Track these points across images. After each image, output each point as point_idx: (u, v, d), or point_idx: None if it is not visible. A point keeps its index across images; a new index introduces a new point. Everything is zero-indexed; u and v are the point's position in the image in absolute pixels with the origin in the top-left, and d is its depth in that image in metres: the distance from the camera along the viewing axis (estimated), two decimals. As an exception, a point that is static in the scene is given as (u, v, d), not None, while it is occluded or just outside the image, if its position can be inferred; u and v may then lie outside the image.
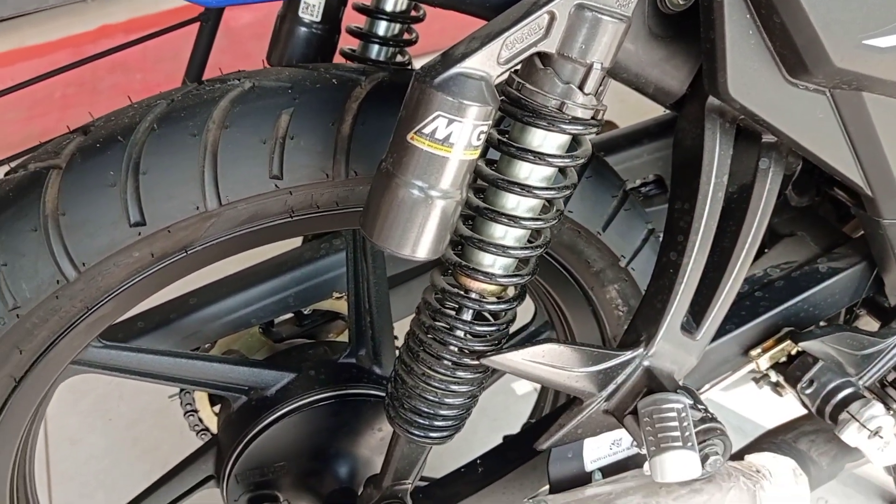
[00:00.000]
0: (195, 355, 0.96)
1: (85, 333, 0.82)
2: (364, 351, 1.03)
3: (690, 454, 0.71)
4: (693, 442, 0.72)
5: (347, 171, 0.77)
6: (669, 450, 0.71)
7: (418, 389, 0.80)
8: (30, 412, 0.86)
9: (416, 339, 0.79)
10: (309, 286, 1.07)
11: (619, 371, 0.79)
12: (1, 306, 0.73)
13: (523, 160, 0.70)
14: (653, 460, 0.72)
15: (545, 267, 0.95)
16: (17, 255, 0.72)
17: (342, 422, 1.00)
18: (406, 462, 0.87)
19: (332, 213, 0.82)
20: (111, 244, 0.74)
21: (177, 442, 1.81)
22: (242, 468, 0.98)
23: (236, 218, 0.78)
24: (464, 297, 0.76)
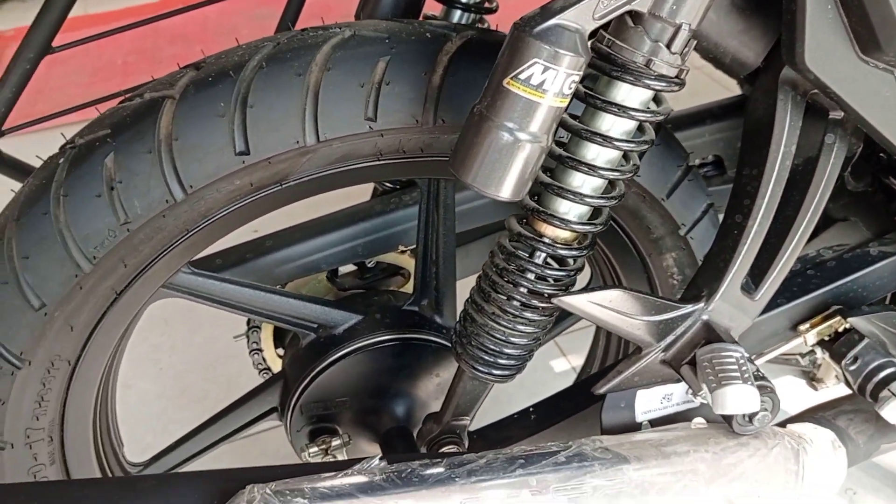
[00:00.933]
0: (273, 290, 1.02)
1: (180, 256, 0.88)
2: (426, 301, 1.08)
3: (750, 388, 0.76)
4: (752, 381, 0.76)
5: (435, 119, 0.83)
6: (731, 384, 0.75)
7: (487, 328, 0.85)
8: (121, 330, 0.92)
9: (488, 279, 0.84)
10: (377, 237, 1.13)
11: (679, 323, 0.83)
12: (113, 220, 0.79)
13: (607, 112, 0.75)
14: (714, 394, 0.76)
15: (606, 231, 0.99)
16: (132, 174, 0.79)
17: (403, 364, 1.06)
18: (467, 398, 0.92)
19: (415, 159, 0.88)
20: (217, 170, 0.80)
21: (223, 394, 1.88)
22: (307, 401, 1.04)
23: (330, 156, 0.83)
24: (538, 241, 0.81)
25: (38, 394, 0.87)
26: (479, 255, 1.23)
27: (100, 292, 0.84)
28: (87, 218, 0.79)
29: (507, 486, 0.76)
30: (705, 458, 0.86)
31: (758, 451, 0.88)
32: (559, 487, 0.78)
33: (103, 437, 1.01)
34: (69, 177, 0.79)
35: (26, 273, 0.80)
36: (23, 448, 0.90)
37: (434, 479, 0.75)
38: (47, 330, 0.83)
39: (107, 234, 0.80)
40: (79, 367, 0.89)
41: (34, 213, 0.80)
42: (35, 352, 0.84)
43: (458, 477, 0.75)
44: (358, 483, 0.72)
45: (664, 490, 0.81)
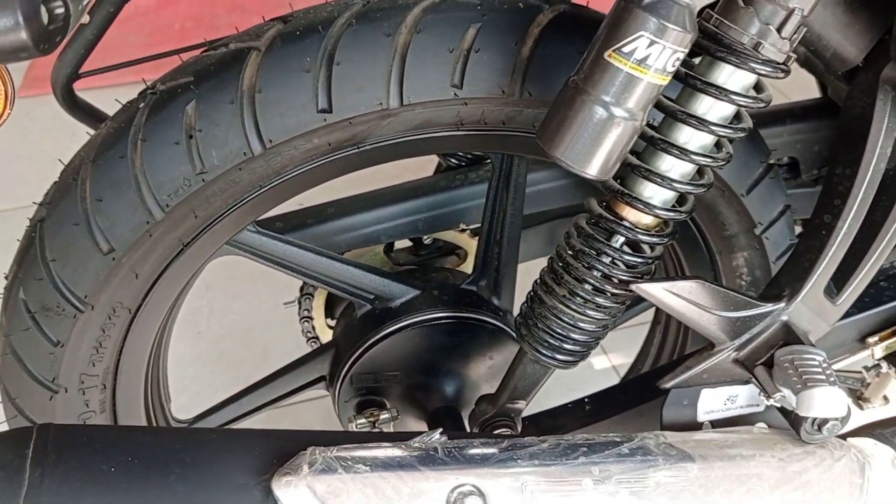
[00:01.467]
0: (335, 256, 1.00)
1: (249, 213, 0.87)
2: (485, 281, 1.06)
3: (838, 391, 0.73)
4: (838, 385, 0.73)
5: (521, 91, 0.81)
6: (818, 385, 0.73)
7: (555, 310, 0.83)
8: (182, 283, 0.91)
9: (561, 260, 0.82)
10: (439, 213, 1.11)
11: (756, 321, 0.81)
12: (190, 169, 0.78)
13: (706, 94, 0.72)
14: (800, 395, 0.73)
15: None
16: (212, 124, 0.77)
17: (457, 343, 1.04)
18: (526, 382, 0.90)
19: (495, 132, 0.85)
20: (297, 126, 0.78)
21: (259, 362, 1.89)
22: (358, 371, 1.03)
23: (411, 121, 0.82)
24: (618, 224, 0.78)
25: (96, 339, 0.87)
26: (539, 240, 1.21)
27: (167, 242, 0.83)
28: (164, 165, 0.78)
29: (568, 473, 0.74)
30: (770, 464, 0.83)
31: (823, 461, 0.85)
32: (621, 479, 0.75)
33: (153, 389, 1.01)
34: (149, 122, 0.78)
35: (98, 216, 0.80)
36: (76, 393, 0.89)
37: (495, 459, 0.73)
38: (113, 275, 0.82)
39: (182, 182, 0.79)
40: (138, 316, 0.88)
41: (111, 155, 0.79)
42: (98, 296, 0.83)
43: (519, 458, 0.73)
44: (419, 455, 0.71)
45: (728, 492, 0.79)
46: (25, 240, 0.85)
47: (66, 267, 0.82)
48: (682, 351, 1.16)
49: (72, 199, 0.80)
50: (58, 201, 0.82)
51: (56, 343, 0.85)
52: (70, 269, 0.82)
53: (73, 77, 0.92)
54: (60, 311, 0.83)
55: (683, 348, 1.16)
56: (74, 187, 0.80)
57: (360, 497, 0.66)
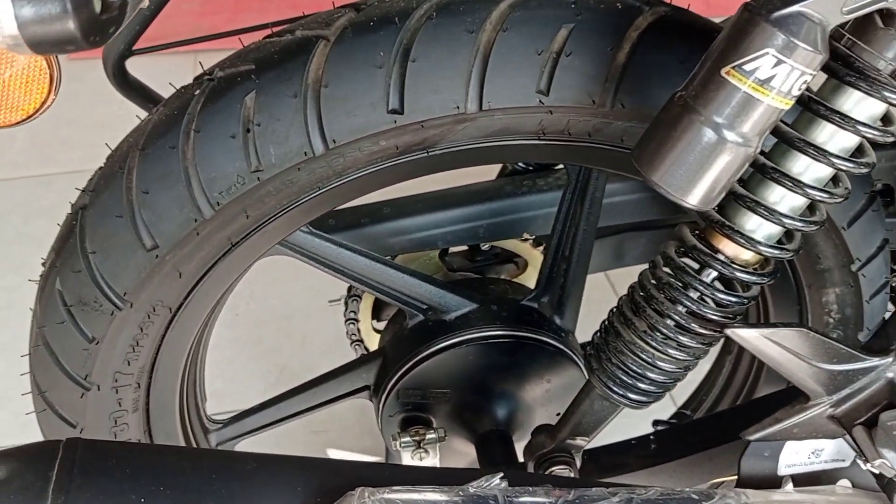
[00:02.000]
0: (388, 262, 0.94)
1: (304, 214, 0.80)
2: (548, 298, 0.99)
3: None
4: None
5: (614, 102, 0.72)
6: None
7: (632, 345, 0.75)
8: (228, 283, 0.85)
9: (644, 291, 0.74)
10: (503, 221, 1.04)
11: (859, 376, 0.72)
12: (245, 165, 0.72)
13: (829, 121, 0.64)
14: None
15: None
16: (272, 119, 0.71)
17: (513, 364, 0.97)
18: (591, 419, 0.82)
19: (578, 143, 0.78)
20: (364, 126, 0.71)
21: (297, 350, 1.84)
22: (406, 386, 0.96)
23: (488, 127, 0.74)
24: (712, 257, 0.70)
25: (133, 338, 0.81)
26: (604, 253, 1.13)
27: (215, 241, 0.77)
28: (217, 159, 0.72)
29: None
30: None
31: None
32: (698, 542, 0.68)
33: (189, 390, 0.95)
34: (204, 111, 0.72)
35: (143, 209, 0.73)
36: (109, 391, 0.84)
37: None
38: (155, 273, 0.76)
39: (235, 179, 0.72)
40: (179, 315, 0.82)
41: (161, 145, 0.73)
42: (139, 294, 0.78)
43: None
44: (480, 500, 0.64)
45: (811, 562, 0.71)
46: (66, 227, 0.80)
47: (106, 260, 0.76)
48: (754, 387, 1.07)
49: (117, 188, 0.74)
50: (102, 189, 0.76)
51: (91, 339, 0.79)
52: (110, 264, 0.76)
53: (126, 54, 0.86)
54: (98, 307, 0.78)
55: (755, 384, 1.07)
56: (120, 176, 0.74)
57: (413, 550, 0.59)
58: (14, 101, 0.57)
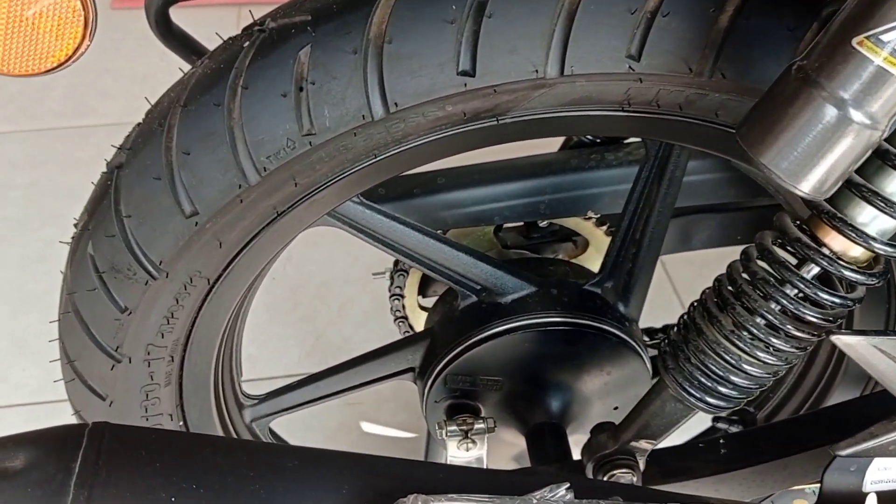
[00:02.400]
0: (442, 238, 0.86)
1: (356, 184, 0.73)
2: (613, 283, 0.91)
3: None
4: None
5: (713, 71, 0.64)
6: None
7: (715, 345, 0.67)
8: (271, 254, 0.79)
9: (734, 285, 0.66)
10: (566, 197, 0.96)
11: (976, 394, 0.64)
12: (295, 128, 0.65)
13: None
14: None
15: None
16: (329, 77, 0.63)
17: (572, 353, 0.90)
18: (661, 422, 0.75)
19: (666, 117, 0.69)
20: (430, 89, 0.63)
21: (334, 318, 1.78)
22: (456, 371, 0.89)
23: (567, 95, 0.66)
24: (815, 251, 0.62)
25: (168, 309, 0.75)
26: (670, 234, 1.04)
27: (259, 209, 0.70)
28: (266, 120, 0.65)
29: (718, 555, 0.60)
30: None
31: None
32: (783, 570, 0.61)
33: (225, 364, 0.90)
34: (253, 66, 0.65)
35: (183, 171, 0.67)
36: (140, 364, 0.79)
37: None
38: (194, 242, 0.70)
39: (284, 143, 0.65)
40: (217, 287, 0.76)
41: (205, 101, 0.66)
42: (175, 263, 0.71)
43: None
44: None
45: None
46: (100, 187, 0.74)
47: (141, 226, 0.70)
48: (827, 391, 0.99)
49: (156, 147, 0.68)
50: (140, 148, 0.69)
51: (124, 309, 0.74)
52: (146, 230, 0.70)
53: (170, 2, 0.79)
54: (131, 275, 0.72)
55: (828, 388, 0.99)
56: (160, 134, 0.68)
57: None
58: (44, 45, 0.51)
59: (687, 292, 1.77)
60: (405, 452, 1.54)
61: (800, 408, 1.02)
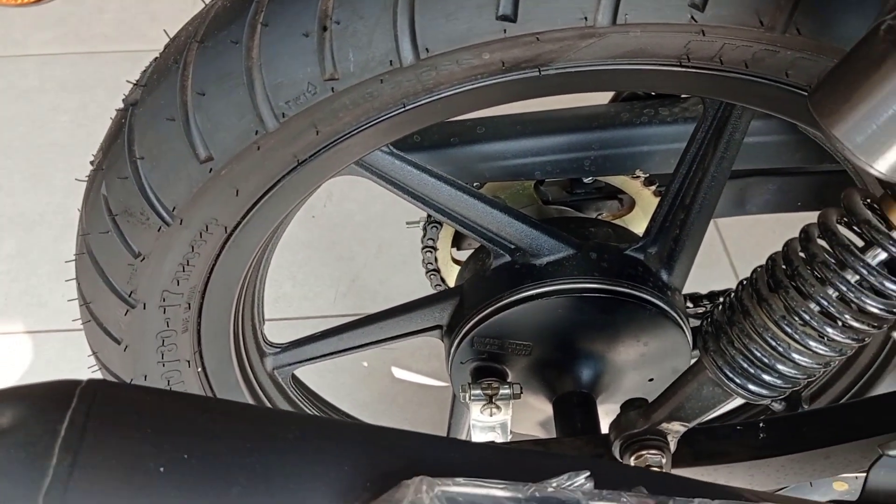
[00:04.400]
0: (475, 193, 0.81)
1: (383, 134, 0.68)
2: (657, 249, 0.85)
3: None
4: None
5: (787, 25, 0.56)
6: None
7: (762, 329, 0.62)
8: (292, 204, 0.75)
9: (789, 266, 0.60)
10: (614, 153, 0.89)
11: None
12: (317, 71, 0.59)
13: None
14: None
15: None
16: (355, 16, 0.58)
17: (608, 322, 0.84)
18: (696, 405, 0.70)
19: (729, 74, 0.62)
20: (466, 34, 0.57)
21: (371, 259, 1.75)
22: (483, 333, 0.85)
23: (619, 47, 0.59)
24: (885, 234, 0.55)
25: (183, 256, 0.72)
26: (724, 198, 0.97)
27: (279, 157, 0.66)
28: (286, 61, 0.60)
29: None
30: None
31: None
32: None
33: (245, 312, 0.87)
34: (274, 1, 0.59)
35: (198, 113, 0.63)
36: (156, 310, 0.76)
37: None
38: (209, 188, 0.66)
39: (305, 87, 0.60)
40: (234, 235, 0.73)
41: (222, 38, 0.61)
42: (189, 210, 0.68)
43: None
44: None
45: None
46: (115, 124, 0.70)
47: (154, 170, 0.66)
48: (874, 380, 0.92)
49: (170, 86, 0.63)
50: (154, 86, 0.65)
51: (137, 254, 0.71)
52: (159, 174, 0.66)
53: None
54: (144, 220, 0.68)
55: (876, 378, 0.92)
56: (175, 72, 0.63)
57: (476, 561, 0.49)
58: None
59: (738, 251, 1.69)
60: (434, 401, 1.52)
61: (845, 393, 0.95)
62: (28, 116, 1.98)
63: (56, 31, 2.22)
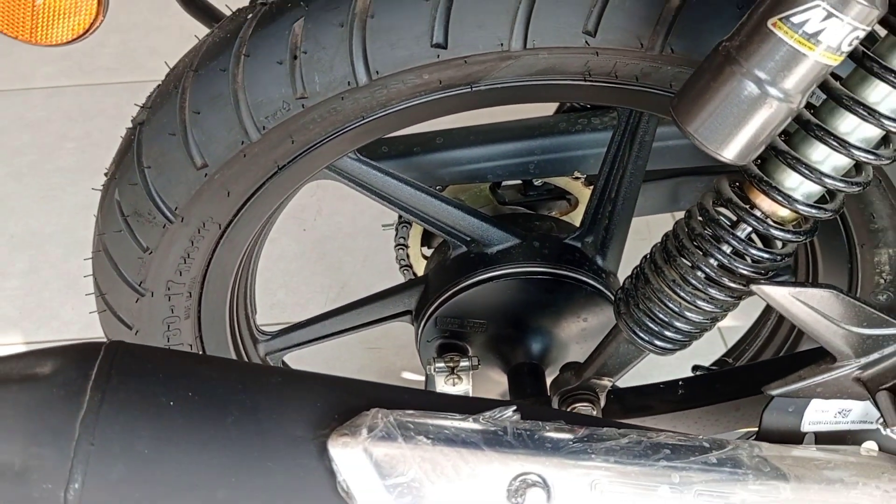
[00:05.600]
0: (434, 193, 0.95)
1: (349, 142, 0.82)
2: (592, 238, 0.99)
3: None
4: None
5: (663, 46, 0.71)
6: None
7: (661, 294, 0.75)
8: (276, 203, 0.89)
9: (677, 240, 0.74)
10: (554, 158, 1.03)
11: (890, 342, 0.71)
12: (290, 91, 0.74)
13: (883, 80, 0.61)
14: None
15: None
16: (318, 47, 0.72)
17: (551, 301, 0.98)
18: (616, 361, 0.84)
19: (624, 86, 0.76)
20: (408, 59, 0.72)
21: (359, 267, 1.89)
22: (445, 314, 0.99)
23: (532, 66, 0.73)
24: (748, 212, 0.69)
25: (184, 250, 0.86)
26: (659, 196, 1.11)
27: (262, 163, 0.80)
28: (264, 84, 0.74)
29: (645, 475, 0.68)
30: (874, 496, 0.75)
31: (940, 500, 0.76)
32: (703, 491, 0.69)
33: (239, 301, 1.00)
34: (254, 36, 0.74)
35: (195, 129, 0.77)
36: (162, 298, 0.89)
37: (567, 449, 0.68)
38: (204, 191, 0.80)
39: (280, 105, 0.74)
40: (228, 231, 0.86)
41: (213, 67, 0.75)
42: (189, 209, 0.82)
43: (593, 453, 0.68)
44: (486, 433, 0.66)
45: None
46: (125, 140, 0.84)
47: (160, 176, 0.80)
48: (798, 341, 1.06)
49: (171, 107, 0.78)
50: (158, 107, 0.79)
51: (145, 249, 0.84)
52: (163, 179, 0.80)
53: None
54: (151, 219, 0.82)
55: (799, 339, 1.06)
56: (175, 95, 0.77)
57: (417, 471, 0.63)
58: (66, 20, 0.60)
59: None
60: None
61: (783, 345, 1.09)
62: (36, 145, 2.13)
63: (61, 65, 2.37)
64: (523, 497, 0.64)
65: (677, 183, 1.12)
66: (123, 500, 0.59)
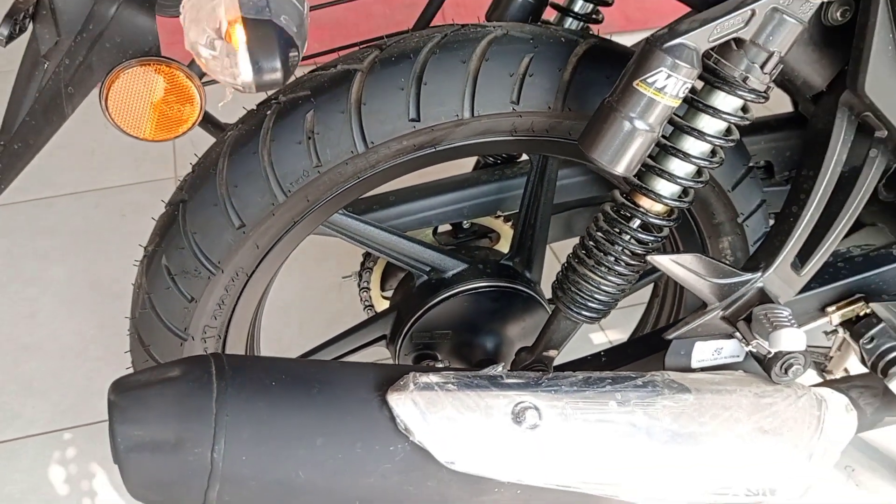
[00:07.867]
0: (402, 234, 1.24)
1: (344, 197, 1.10)
2: (520, 258, 1.30)
3: (800, 332, 0.98)
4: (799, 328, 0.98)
5: (563, 107, 1.04)
6: (785, 327, 0.97)
7: (585, 277, 1.07)
8: (287, 253, 1.14)
9: (591, 238, 1.06)
10: (481, 202, 1.35)
11: (739, 287, 1.05)
12: (308, 163, 1.01)
13: (705, 113, 0.96)
14: (771, 336, 0.98)
15: (677, 213, 1.21)
16: (327, 128, 1.00)
17: (497, 308, 1.28)
18: (559, 335, 1.14)
19: (540, 138, 1.09)
20: (393, 131, 1.01)
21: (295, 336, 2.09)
22: (417, 330, 1.26)
23: (477, 128, 1.05)
24: (635, 210, 1.02)
25: (220, 297, 1.09)
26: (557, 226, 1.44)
27: (284, 219, 1.06)
28: (288, 159, 1.01)
29: (598, 396, 0.98)
30: (748, 396, 1.07)
31: (789, 397, 1.09)
32: (638, 403, 0.99)
33: (252, 340, 1.24)
34: (276, 125, 1.01)
35: (234, 198, 1.02)
36: (199, 341, 1.12)
37: (546, 385, 0.96)
38: (241, 246, 1.05)
39: (301, 173, 1.01)
40: (251, 278, 1.11)
41: (245, 151, 1.02)
42: (228, 262, 1.06)
43: (562, 385, 0.97)
44: (490, 378, 0.94)
45: (715, 416, 1.03)
46: (167, 218, 1.08)
47: (205, 238, 1.04)
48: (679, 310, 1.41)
49: (211, 184, 1.03)
50: (198, 186, 1.04)
51: (190, 300, 1.07)
52: (208, 240, 1.04)
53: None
54: (197, 274, 1.06)
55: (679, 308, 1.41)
56: (213, 175, 1.03)
57: (451, 408, 0.89)
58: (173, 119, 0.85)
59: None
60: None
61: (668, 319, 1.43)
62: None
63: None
64: (524, 416, 0.92)
65: (570, 215, 1.46)
66: (252, 452, 0.82)
